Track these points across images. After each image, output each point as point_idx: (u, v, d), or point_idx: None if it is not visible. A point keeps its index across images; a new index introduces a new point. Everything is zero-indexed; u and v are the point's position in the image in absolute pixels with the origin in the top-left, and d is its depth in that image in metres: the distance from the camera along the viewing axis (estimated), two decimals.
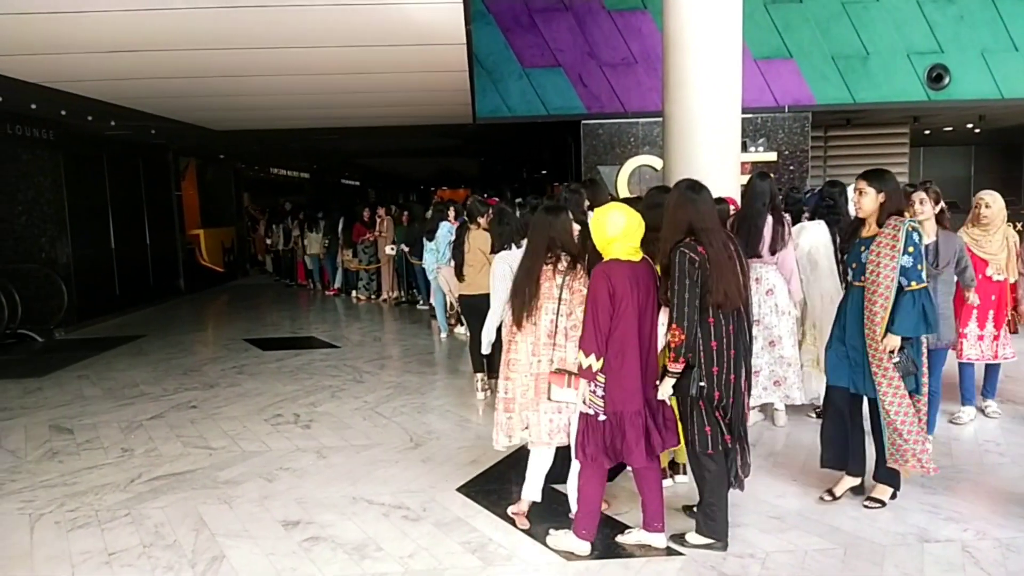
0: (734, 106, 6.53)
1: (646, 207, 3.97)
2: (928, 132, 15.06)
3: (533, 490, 3.88)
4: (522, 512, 3.88)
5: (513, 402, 3.78)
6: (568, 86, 10.58)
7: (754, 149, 10.70)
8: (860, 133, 12.88)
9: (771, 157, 10.82)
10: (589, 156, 10.92)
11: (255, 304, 13.05)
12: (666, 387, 3.37)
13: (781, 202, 5.34)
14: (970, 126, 14.58)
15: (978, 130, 15.17)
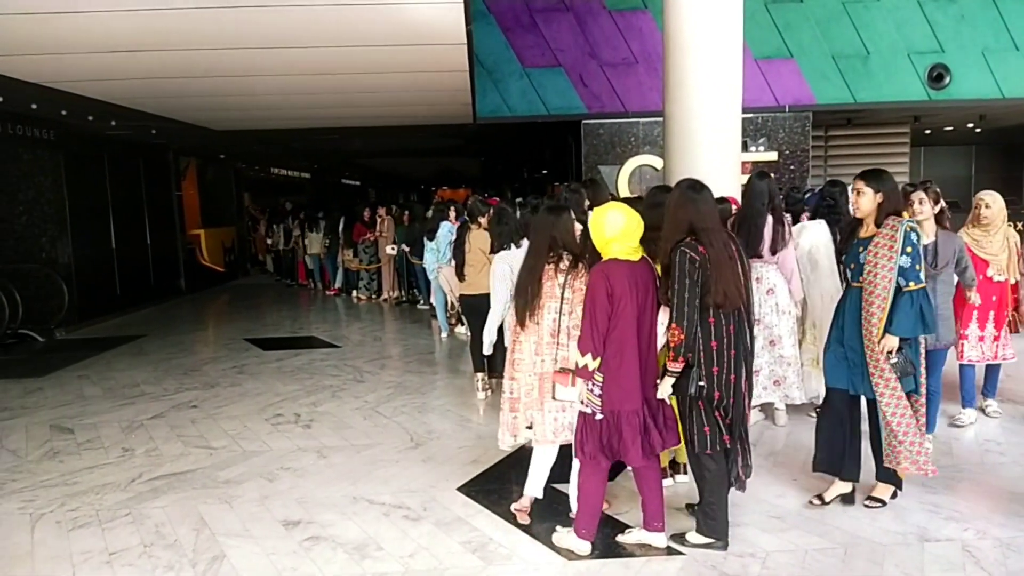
0: (735, 106, 6.53)
1: (647, 206, 3.97)
2: (929, 132, 15.05)
3: (535, 486, 3.89)
4: (524, 509, 3.89)
5: (519, 402, 3.81)
6: (568, 86, 10.58)
7: (755, 149, 10.71)
8: (861, 133, 12.88)
9: (772, 157, 10.83)
10: (590, 156, 10.92)
11: (256, 304, 13.05)
12: (665, 386, 3.37)
13: (781, 202, 5.34)
14: (971, 126, 14.57)
15: (979, 130, 15.16)
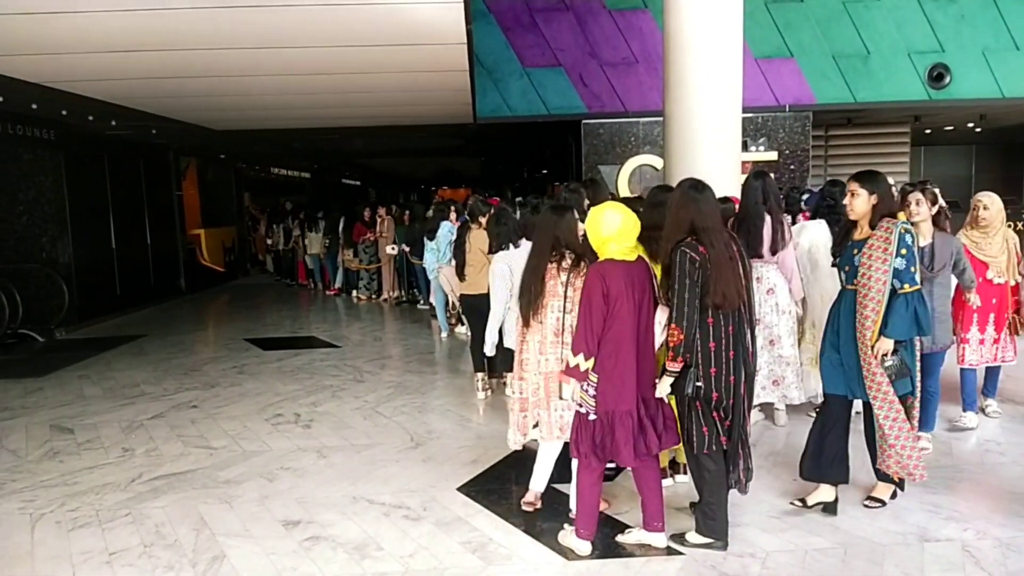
0: (735, 105, 6.54)
1: (649, 205, 3.98)
2: (929, 131, 15.05)
3: (540, 482, 3.94)
4: (532, 502, 3.94)
5: (527, 401, 3.85)
6: (569, 85, 10.59)
7: (755, 148, 10.71)
8: (861, 132, 12.88)
9: (772, 156, 10.83)
10: (590, 155, 10.92)
11: (256, 304, 13.05)
12: (664, 386, 3.37)
13: (781, 201, 5.33)
14: (971, 125, 14.57)
15: (979, 129, 15.16)
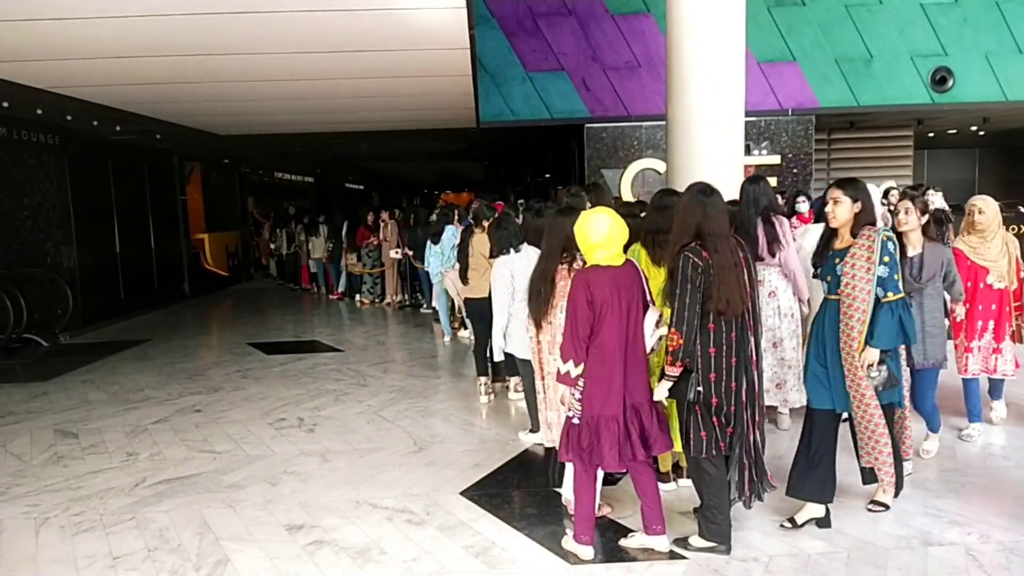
0: (737, 109, 6.54)
1: (653, 209, 4.00)
2: (932, 135, 15.03)
3: (568, 487, 3.86)
4: (570, 501, 3.87)
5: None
6: (571, 90, 10.60)
7: (757, 152, 10.71)
8: (864, 136, 12.87)
9: (775, 160, 10.83)
10: (593, 159, 10.94)
11: (259, 308, 13.07)
12: (661, 389, 3.38)
13: (777, 203, 5.30)
14: (974, 128, 14.55)
15: (982, 132, 15.12)
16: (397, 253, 11.44)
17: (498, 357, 5.18)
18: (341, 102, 9.38)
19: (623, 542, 3.59)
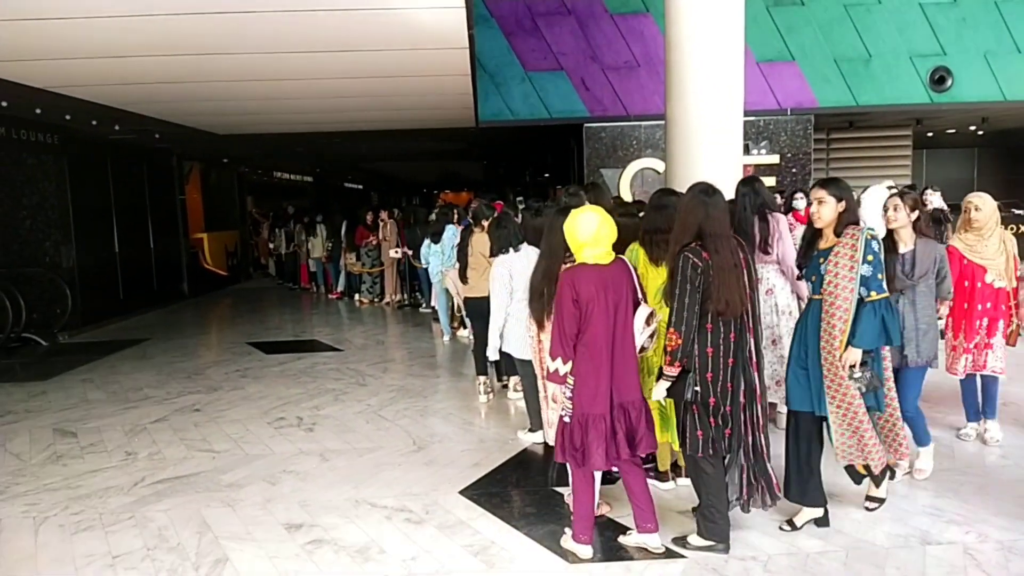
0: (736, 109, 6.54)
1: (652, 208, 4.00)
2: (931, 134, 15.04)
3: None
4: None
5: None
6: (570, 89, 10.60)
7: (756, 152, 10.72)
8: (863, 136, 12.88)
9: (774, 160, 10.83)
10: (592, 159, 10.94)
11: (258, 308, 13.07)
12: (659, 389, 3.39)
13: (773, 200, 5.29)
14: (973, 128, 14.57)
15: (981, 132, 15.14)
16: (397, 252, 11.44)
17: (492, 356, 5.19)
18: (340, 101, 9.38)
19: (622, 539, 3.60)
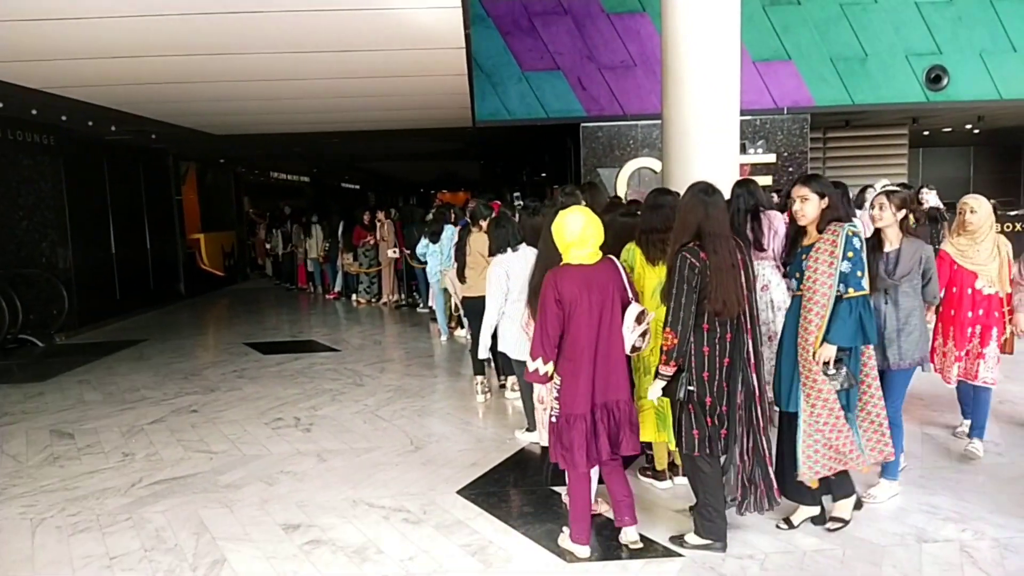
0: (733, 108, 6.54)
1: (648, 208, 4.00)
2: (927, 133, 15.05)
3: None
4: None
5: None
6: (567, 89, 10.59)
7: (753, 151, 10.72)
8: (859, 135, 12.88)
9: (770, 159, 10.83)
10: (588, 159, 10.93)
11: (255, 308, 13.06)
12: (655, 388, 3.39)
13: (769, 199, 5.29)
14: (969, 127, 14.57)
15: (977, 131, 15.15)
16: (394, 252, 11.45)
17: (482, 354, 5.21)
18: (336, 102, 9.37)
19: (621, 537, 3.60)
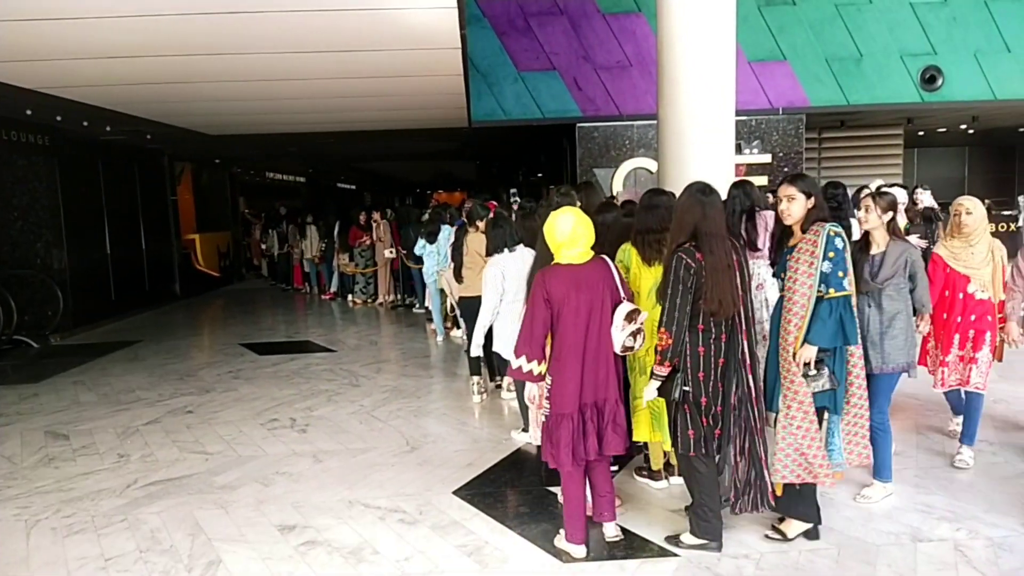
0: (728, 108, 6.55)
1: (643, 208, 4.00)
2: (922, 133, 15.10)
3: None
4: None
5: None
6: (563, 89, 10.60)
7: (748, 151, 10.73)
8: (854, 135, 12.91)
9: (765, 159, 10.85)
10: (584, 159, 10.94)
11: (251, 309, 13.04)
12: (650, 389, 3.40)
13: (763, 199, 5.30)
14: (963, 127, 14.62)
15: (971, 131, 15.20)
16: (391, 252, 11.44)
17: (474, 352, 5.23)
18: (332, 102, 9.36)
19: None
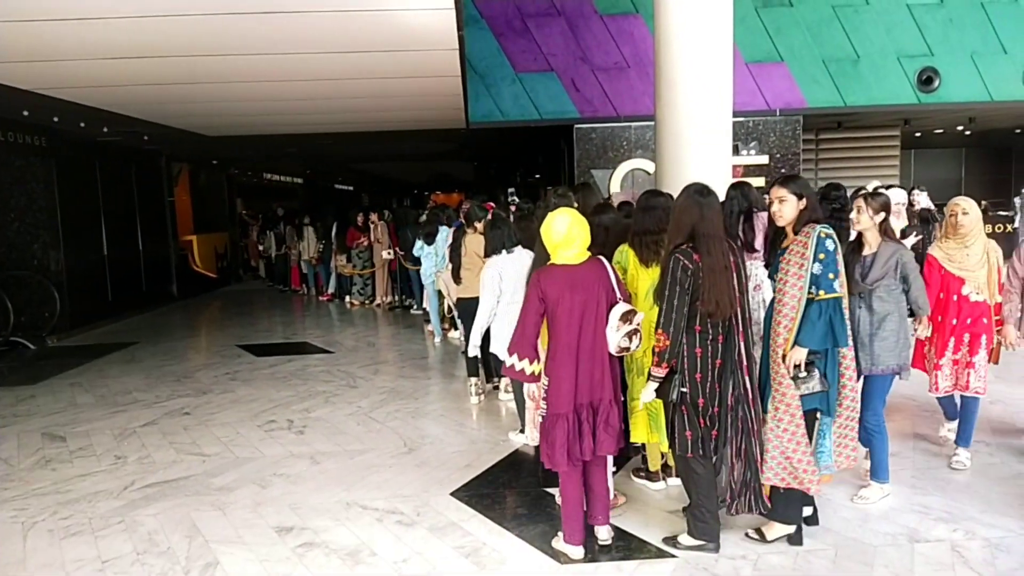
0: (725, 109, 6.56)
1: (640, 209, 4.01)
2: (919, 134, 15.13)
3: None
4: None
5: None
6: (561, 90, 10.61)
7: (746, 152, 10.75)
8: (851, 136, 12.94)
9: (763, 160, 10.87)
10: (582, 160, 10.95)
11: (248, 310, 13.03)
12: (648, 390, 3.40)
13: (761, 200, 5.30)
14: (960, 128, 14.66)
15: (968, 132, 15.24)
16: (389, 254, 11.44)
17: (471, 352, 5.24)
18: (330, 103, 9.36)
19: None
